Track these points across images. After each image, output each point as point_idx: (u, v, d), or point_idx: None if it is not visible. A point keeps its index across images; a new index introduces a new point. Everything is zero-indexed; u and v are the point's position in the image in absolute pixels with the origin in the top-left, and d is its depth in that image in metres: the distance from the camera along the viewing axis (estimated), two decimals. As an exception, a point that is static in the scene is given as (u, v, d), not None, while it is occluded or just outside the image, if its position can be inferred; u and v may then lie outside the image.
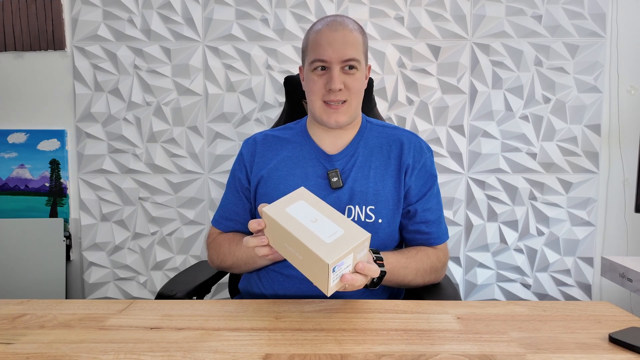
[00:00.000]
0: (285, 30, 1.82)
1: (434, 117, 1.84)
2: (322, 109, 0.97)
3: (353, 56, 0.94)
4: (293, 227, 0.71)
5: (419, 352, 0.61)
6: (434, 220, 1.02)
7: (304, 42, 1.01)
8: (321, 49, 0.94)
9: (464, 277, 1.90)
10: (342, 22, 0.96)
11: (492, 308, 0.79)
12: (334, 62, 0.93)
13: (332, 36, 0.93)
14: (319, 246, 0.68)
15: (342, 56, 0.93)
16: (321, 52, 0.93)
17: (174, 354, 0.60)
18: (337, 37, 0.93)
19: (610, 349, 0.62)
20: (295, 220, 0.73)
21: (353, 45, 0.94)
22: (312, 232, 0.71)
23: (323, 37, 0.94)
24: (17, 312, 0.76)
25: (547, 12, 1.78)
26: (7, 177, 1.93)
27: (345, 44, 0.93)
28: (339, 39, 0.93)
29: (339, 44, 0.93)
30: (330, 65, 0.94)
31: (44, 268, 1.89)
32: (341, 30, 0.94)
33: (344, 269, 0.70)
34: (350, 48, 0.94)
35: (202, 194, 1.90)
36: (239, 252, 0.97)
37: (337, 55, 0.93)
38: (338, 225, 0.72)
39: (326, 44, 0.93)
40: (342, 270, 0.70)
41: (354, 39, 0.95)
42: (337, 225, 0.72)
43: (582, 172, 1.83)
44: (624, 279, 1.26)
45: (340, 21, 0.96)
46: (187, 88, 1.86)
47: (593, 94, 1.80)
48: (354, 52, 0.94)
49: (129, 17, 1.84)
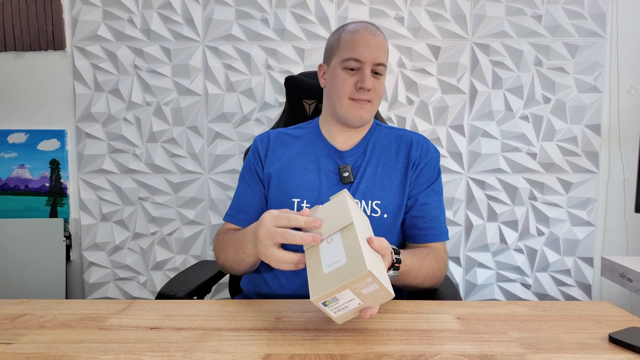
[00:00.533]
0: (285, 30, 1.82)
1: (434, 117, 1.84)
2: (349, 105, 1.01)
3: (383, 61, 1.01)
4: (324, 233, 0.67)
5: (419, 352, 0.61)
6: (432, 217, 1.02)
7: (334, 41, 1.04)
8: (359, 48, 0.99)
9: (464, 277, 1.90)
10: (376, 29, 1.03)
11: (492, 308, 0.79)
12: (368, 63, 0.99)
13: (370, 39, 0.99)
14: (314, 276, 0.63)
15: (375, 59, 0.99)
16: (359, 51, 0.98)
17: (174, 354, 0.60)
18: (374, 40, 1.00)
19: (610, 349, 0.62)
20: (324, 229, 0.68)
21: (384, 52, 1.02)
22: (319, 255, 0.65)
23: (360, 38, 1.00)
24: (17, 312, 0.76)
25: (547, 12, 1.78)
26: (7, 177, 1.93)
27: (380, 48, 1.00)
28: (375, 43, 0.99)
29: (375, 47, 0.99)
30: (363, 65, 0.99)
31: (44, 268, 1.89)
32: (377, 36, 1.01)
33: (346, 302, 0.62)
34: (383, 54, 1.01)
35: (202, 194, 1.90)
36: (232, 252, 0.93)
37: (371, 57, 0.99)
38: (345, 251, 0.63)
39: (363, 44, 0.99)
40: (346, 302, 0.62)
41: (385, 46, 1.02)
42: (344, 252, 0.63)
43: (582, 172, 1.83)
44: (624, 279, 1.26)
45: (374, 28, 1.03)
46: (187, 88, 1.86)
47: (593, 94, 1.80)
48: (384, 58, 1.01)
49: (129, 17, 1.84)
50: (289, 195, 1.01)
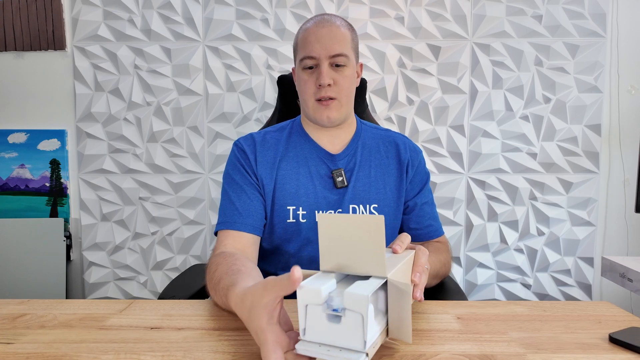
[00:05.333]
0: (285, 30, 1.82)
1: (434, 117, 1.84)
2: (314, 107, 0.97)
3: (341, 51, 0.94)
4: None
5: (419, 352, 0.61)
6: (432, 214, 1.07)
7: (294, 42, 1.02)
8: (309, 45, 0.94)
9: (464, 277, 1.90)
10: (329, 19, 0.97)
11: (492, 308, 0.79)
12: (322, 57, 0.94)
13: (320, 32, 0.94)
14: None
15: (329, 51, 0.93)
16: (309, 48, 0.94)
17: (174, 354, 0.60)
18: (324, 33, 0.94)
19: (610, 349, 0.62)
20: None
21: (341, 41, 0.95)
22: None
23: (311, 34, 0.95)
24: (18, 312, 0.76)
25: (547, 12, 1.77)
26: (7, 177, 1.93)
27: (333, 39, 0.94)
28: (326, 35, 0.94)
29: (327, 40, 0.93)
30: (319, 61, 0.94)
31: (44, 268, 1.89)
32: (328, 27, 0.95)
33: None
34: (338, 43, 0.94)
35: (203, 194, 1.90)
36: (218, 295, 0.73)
37: (325, 50, 0.93)
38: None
39: (314, 40, 0.94)
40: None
41: (341, 34, 0.95)
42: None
43: (583, 172, 1.83)
44: (624, 279, 1.26)
45: (327, 18, 0.97)
46: (187, 88, 1.86)
47: (593, 94, 1.80)
48: (341, 47, 0.94)
49: (129, 17, 1.84)
50: (283, 204, 0.97)
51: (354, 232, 0.55)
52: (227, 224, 0.93)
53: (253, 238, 0.94)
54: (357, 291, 0.48)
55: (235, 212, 0.94)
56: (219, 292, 0.71)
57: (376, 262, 0.54)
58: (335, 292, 0.52)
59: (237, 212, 0.94)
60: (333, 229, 0.56)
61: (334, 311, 0.49)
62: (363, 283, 0.51)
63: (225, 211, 0.95)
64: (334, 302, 0.50)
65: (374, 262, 0.54)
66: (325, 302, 0.50)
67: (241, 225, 0.92)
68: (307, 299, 0.50)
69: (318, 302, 0.50)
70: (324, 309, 0.50)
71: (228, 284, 0.68)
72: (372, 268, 0.54)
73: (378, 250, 0.53)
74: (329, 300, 0.50)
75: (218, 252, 0.86)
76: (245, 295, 0.56)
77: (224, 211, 0.95)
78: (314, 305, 0.50)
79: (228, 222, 0.93)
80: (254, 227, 0.94)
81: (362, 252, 0.54)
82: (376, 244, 0.53)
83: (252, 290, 0.55)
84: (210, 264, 0.81)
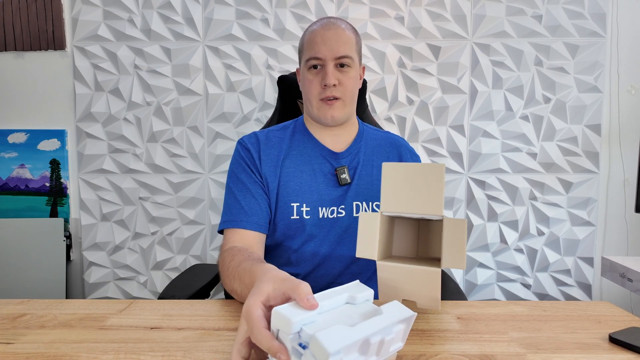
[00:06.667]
0: (285, 30, 1.82)
1: (434, 117, 1.84)
2: (318, 106, 1.00)
3: (346, 53, 0.98)
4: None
5: (419, 352, 0.61)
6: None
7: (300, 44, 1.05)
8: (316, 46, 0.98)
9: (464, 277, 1.90)
10: (335, 22, 1.01)
11: (492, 308, 0.79)
12: (328, 59, 0.97)
13: (326, 34, 0.98)
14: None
15: (335, 53, 0.97)
16: (316, 49, 0.98)
17: (174, 354, 0.60)
18: (330, 35, 0.98)
19: (610, 349, 0.62)
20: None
21: (346, 43, 0.98)
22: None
23: (318, 35, 0.99)
24: (18, 312, 0.76)
25: (547, 12, 1.78)
26: (7, 177, 1.93)
27: (339, 41, 0.97)
28: (332, 37, 0.97)
29: (333, 42, 0.97)
30: (324, 62, 0.98)
31: (44, 268, 1.89)
32: (334, 29, 0.98)
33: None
34: (343, 45, 0.98)
35: (203, 193, 1.90)
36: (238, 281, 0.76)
37: (331, 52, 0.97)
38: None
39: (320, 42, 0.98)
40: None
41: (347, 37, 0.99)
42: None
43: (582, 172, 1.83)
44: (624, 279, 1.26)
45: (334, 22, 1.01)
46: (187, 88, 1.86)
47: (593, 94, 1.80)
48: (347, 49, 0.98)
49: (129, 17, 1.84)
50: (287, 201, 0.99)
51: (416, 178, 0.64)
52: (233, 222, 0.94)
53: (259, 236, 0.96)
54: (325, 341, 0.43)
55: (241, 210, 0.95)
56: (240, 273, 0.74)
57: (435, 203, 0.63)
58: (309, 327, 0.47)
59: (242, 211, 0.95)
60: (395, 175, 0.66)
61: (300, 346, 0.46)
62: (345, 329, 0.46)
63: (231, 209, 0.96)
64: (303, 337, 0.47)
65: (433, 203, 0.62)
66: (296, 333, 0.47)
67: (247, 223, 0.94)
68: (279, 325, 0.48)
69: (287, 332, 0.47)
70: (292, 340, 0.47)
71: (252, 263, 0.73)
72: (430, 208, 0.63)
73: (438, 192, 0.62)
74: (301, 332, 0.47)
75: (228, 247, 0.89)
76: (273, 269, 0.61)
77: (229, 209, 0.97)
78: (284, 333, 0.48)
79: (234, 221, 0.94)
80: (260, 225, 0.96)
81: (422, 195, 0.63)
82: (436, 188, 0.62)
83: (277, 271, 0.60)
84: (225, 257, 0.84)
